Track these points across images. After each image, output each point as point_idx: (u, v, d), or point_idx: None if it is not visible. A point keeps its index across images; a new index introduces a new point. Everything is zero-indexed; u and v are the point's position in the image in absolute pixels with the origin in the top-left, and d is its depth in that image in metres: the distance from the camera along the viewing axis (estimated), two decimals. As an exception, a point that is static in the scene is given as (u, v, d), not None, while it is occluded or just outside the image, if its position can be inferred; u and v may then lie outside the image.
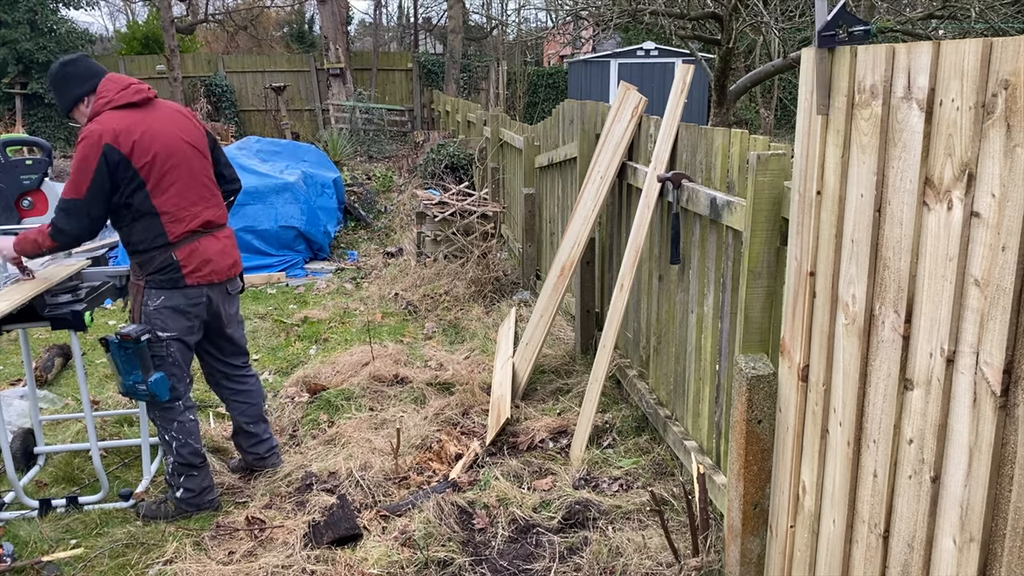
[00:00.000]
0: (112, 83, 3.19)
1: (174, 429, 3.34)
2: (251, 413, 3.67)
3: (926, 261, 1.57)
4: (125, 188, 3.11)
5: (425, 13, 27.61)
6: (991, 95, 1.38)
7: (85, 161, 3.04)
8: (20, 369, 5.14)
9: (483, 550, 3.05)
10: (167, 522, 3.35)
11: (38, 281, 3.33)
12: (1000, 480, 1.42)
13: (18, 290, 3.23)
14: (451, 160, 10.27)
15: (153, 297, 3.22)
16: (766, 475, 2.40)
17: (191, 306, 3.28)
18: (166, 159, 3.16)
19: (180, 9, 22.46)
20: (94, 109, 3.14)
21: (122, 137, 3.06)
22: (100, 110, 3.13)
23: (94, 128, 3.06)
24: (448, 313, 6.07)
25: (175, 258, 3.20)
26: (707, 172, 3.16)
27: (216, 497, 3.47)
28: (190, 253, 3.23)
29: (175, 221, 3.19)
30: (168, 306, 3.23)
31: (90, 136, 3.05)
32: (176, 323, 3.26)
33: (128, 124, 3.10)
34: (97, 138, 3.04)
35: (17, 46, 16.91)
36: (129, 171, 3.08)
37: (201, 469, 3.41)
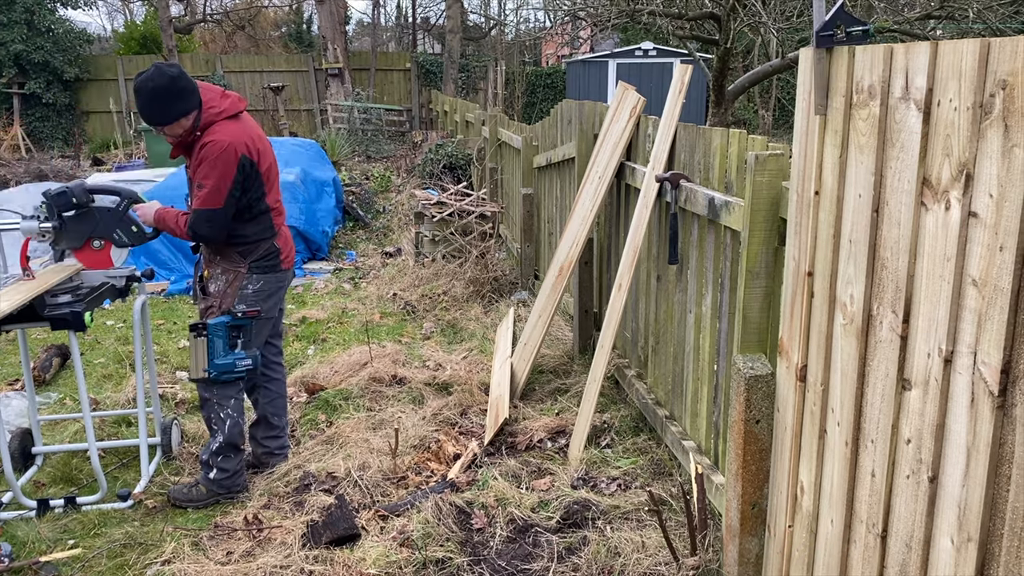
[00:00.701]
0: (211, 93, 3.36)
1: (230, 407, 3.46)
2: (278, 404, 3.79)
3: (924, 261, 1.57)
4: (252, 191, 3.38)
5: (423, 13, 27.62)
6: (989, 95, 1.38)
7: (224, 172, 3.24)
8: (18, 369, 5.14)
9: (481, 550, 3.05)
10: (198, 507, 3.45)
11: (38, 281, 3.33)
12: (998, 480, 1.42)
13: (18, 290, 3.23)
14: (449, 160, 10.27)
15: (254, 281, 3.46)
16: (764, 475, 2.41)
17: (280, 287, 3.59)
18: (271, 161, 3.51)
19: (178, 9, 22.44)
20: (206, 119, 3.30)
21: (251, 147, 3.32)
22: (214, 119, 3.30)
23: (224, 139, 3.24)
24: (446, 313, 6.07)
25: (276, 246, 3.52)
26: (705, 172, 3.16)
27: (246, 481, 3.58)
28: (284, 241, 3.59)
29: (278, 215, 3.56)
30: (264, 288, 3.49)
31: (225, 148, 3.23)
32: (267, 303, 3.50)
33: (247, 133, 3.35)
34: (233, 150, 3.24)
35: (14, 46, 16.88)
36: (257, 177, 3.38)
37: (240, 452, 3.54)
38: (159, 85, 3.19)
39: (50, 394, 4.76)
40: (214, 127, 3.27)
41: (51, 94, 17.69)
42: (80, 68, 17.99)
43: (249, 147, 3.30)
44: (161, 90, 3.20)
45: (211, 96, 3.32)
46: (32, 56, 17.10)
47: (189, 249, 7.54)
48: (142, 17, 24.77)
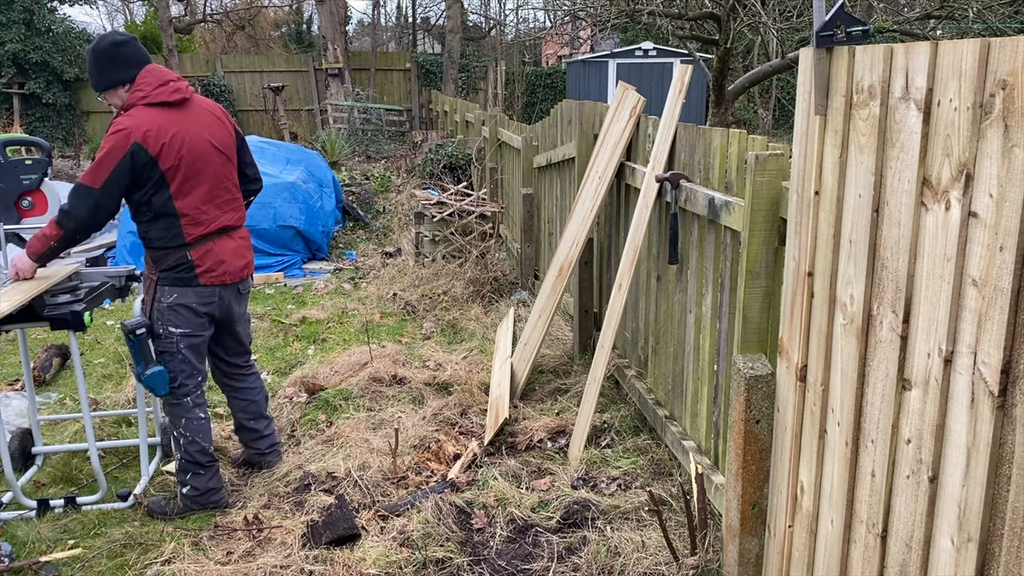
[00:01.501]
0: (151, 76, 3.17)
1: (182, 425, 3.36)
2: (251, 410, 3.69)
3: (924, 261, 1.57)
4: (148, 188, 3.13)
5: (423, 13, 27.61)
6: (989, 95, 1.38)
7: (110, 154, 3.04)
8: (18, 369, 5.14)
9: (481, 550, 3.05)
10: (168, 520, 3.35)
11: (37, 281, 3.33)
12: (998, 480, 1.42)
13: (17, 290, 3.23)
14: (449, 160, 10.27)
15: (166, 294, 3.25)
16: (764, 475, 2.41)
17: (203, 305, 3.30)
18: (192, 163, 3.17)
19: (178, 9, 22.44)
20: (129, 101, 3.14)
21: (152, 138, 3.07)
22: (134, 103, 3.13)
23: (126, 124, 3.07)
24: (446, 313, 6.07)
25: (190, 257, 3.23)
26: (705, 172, 3.16)
27: (223, 498, 3.46)
28: (204, 253, 3.25)
29: (194, 224, 3.22)
30: (180, 303, 3.25)
31: (121, 131, 3.05)
32: (187, 321, 3.28)
33: (160, 124, 3.10)
34: (127, 135, 3.04)
35: (13, 46, 16.88)
36: (155, 172, 3.10)
37: (208, 468, 3.42)
38: (100, 48, 3.11)
39: (50, 394, 4.76)
40: (131, 111, 3.11)
41: (51, 94, 17.68)
42: (80, 68, 17.98)
43: (150, 139, 3.06)
44: (101, 54, 3.11)
45: (148, 80, 3.15)
46: (31, 56, 17.10)
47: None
48: (142, 17, 24.78)
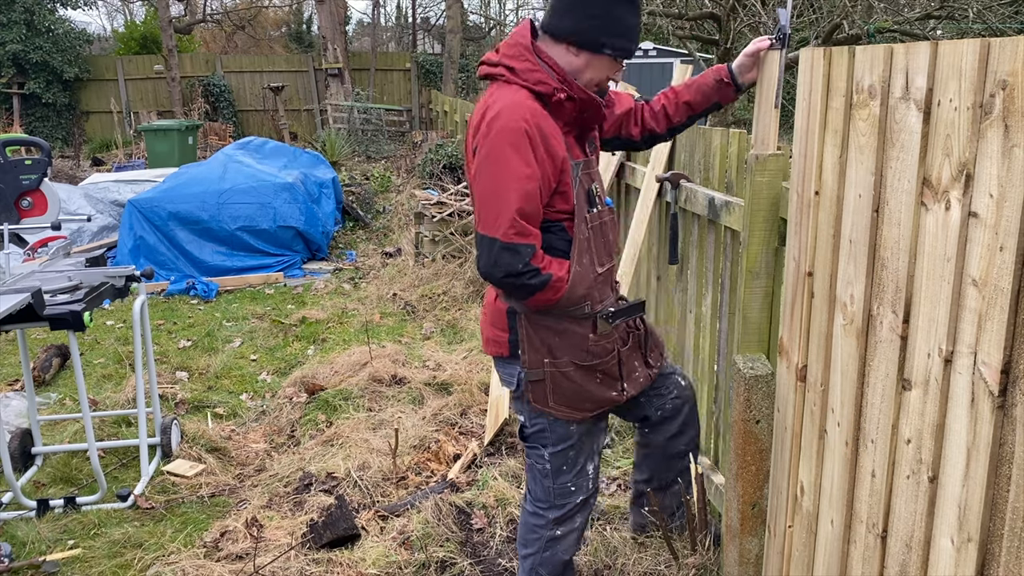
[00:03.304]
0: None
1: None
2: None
3: (924, 261, 1.57)
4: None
5: (423, 13, 27.61)
6: (989, 95, 1.38)
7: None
8: (18, 369, 5.14)
9: (481, 550, 3.05)
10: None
11: (37, 280, 3.33)
12: (998, 480, 1.42)
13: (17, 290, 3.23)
14: (449, 160, 10.26)
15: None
16: (764, 475, 2.41)
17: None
18: None
19: (178, 9, 22.44)
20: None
21: None
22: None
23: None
24: (446, 313, 6.07)
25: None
26: (705, 172, 3.16)
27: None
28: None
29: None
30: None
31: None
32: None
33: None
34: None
35: (13, 46, 16.88)
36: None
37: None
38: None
39: (50, 394, 4.76)
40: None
41: (51, 94, 17.68)
42: (80, 68, 17.99)
43: None
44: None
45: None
46: (31, 56, 17.09)
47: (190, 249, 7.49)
48: (142, 17, 24.77)
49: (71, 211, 7.80)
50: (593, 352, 2.31)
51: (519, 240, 2.10)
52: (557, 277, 2.18)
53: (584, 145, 2.35)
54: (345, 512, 3.17)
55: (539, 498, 2.45)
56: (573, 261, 2.23)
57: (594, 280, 2.29)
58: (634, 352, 2.46)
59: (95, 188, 8.85)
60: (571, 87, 2.19)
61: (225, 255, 7.56)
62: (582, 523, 2.50)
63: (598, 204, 2.32)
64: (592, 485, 2.46)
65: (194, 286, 7.07)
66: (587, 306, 2.29)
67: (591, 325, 2.31)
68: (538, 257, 2.15)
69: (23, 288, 3.17)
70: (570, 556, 2.52)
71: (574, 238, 2.24)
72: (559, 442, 2.36)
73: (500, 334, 2.35)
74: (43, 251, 6.73)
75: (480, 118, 2.18)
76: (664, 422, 2.64)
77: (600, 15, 2.18)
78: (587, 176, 2.30)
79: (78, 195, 8.32)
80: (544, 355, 2.28)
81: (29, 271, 3.67)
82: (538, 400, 2.31)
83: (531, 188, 2.11)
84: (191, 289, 7.07)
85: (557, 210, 2.22)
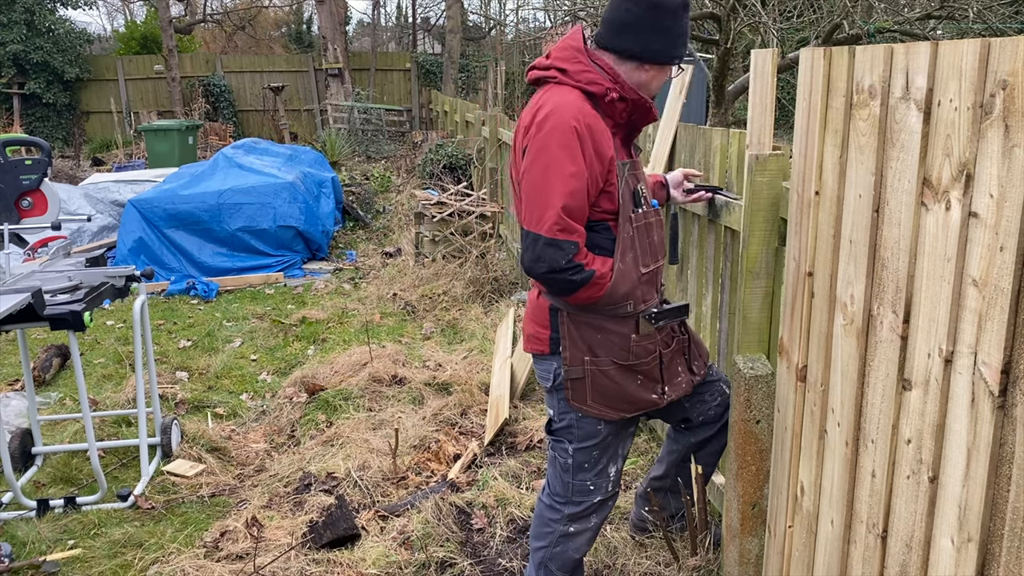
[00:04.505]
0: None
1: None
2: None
3: (924, 261, 1.57)
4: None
5: (423, 13, 27.60)
6: (989, 95, 1.38)
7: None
8: (18, 369, 5.14)
9: (481, 550, 3.05)
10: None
11: (37, 280, 3.33)
12: (998, 480, 1.42)
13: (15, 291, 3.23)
14: (449, 160, 10.26)
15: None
16: (764, 475, 2.41)
17: None
18: None
19: (178, 9, 22.44)
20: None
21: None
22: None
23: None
24: (446, 313, 6.07)
25: None
26: (706, 172, 3.16)
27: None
28: None
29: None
30: None
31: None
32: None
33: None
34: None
35: (14, 46, 16.88)
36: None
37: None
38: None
39: (50, 394, 4.76)
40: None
41: (51, 94, 17.68)
42: (80, 68, 17.99)
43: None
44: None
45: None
46: (32, 56, 17.10)
47: (190, 249, 7.50)
48: (142, 17, 24.78)
49: (71, 211, 7.80)
50: (635, 352, 2.32)
51: (563, 236, 2.12)
52: (600, 274, 2.19)
53: (630, 146, 2.38)
54: (345, 512, 3.17)
55: (557, 492, 2.46)
56: (616, 259, 2.24)
57: (638, 280, 2.30)
58: (677, 356, 2.47)
59: (95, 188, 8.85)
60: (623, 87, 2.22)
61: (225, 255, 7.56)
62: (597, 524, 2.50)
63: (643, 204, 2.34)
64: (612, 488, 2.46)
65: (194, 286, 7.07)
66: (629, 305, 2.29)
67: (633, 325, 2.31)
68: (581, 254, 2.16)
69: (23, 288, 3.17)
70: (581, 555, 2.52)
71: (618, 237, 2.26)
72: (585, 439, 2.37)
73: (541, 331, 2.36)
74: (43, 251, 6.73)
75: (531, 118, 2.20)
76: (703, 426, 2.65)
77: (669, 31, 2.24)
78: (633, 176, 2.32)
79: (78, 195, 8.32)
80: (585, 353, 2.29)
81: (29, 271, 3.67)
82: (577, 399, 2.32)
83: (578, 186, 2.13)
84: (191, 289, 7.07)
85: (602, 209, 2.24)
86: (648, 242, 2.34)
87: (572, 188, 2.12)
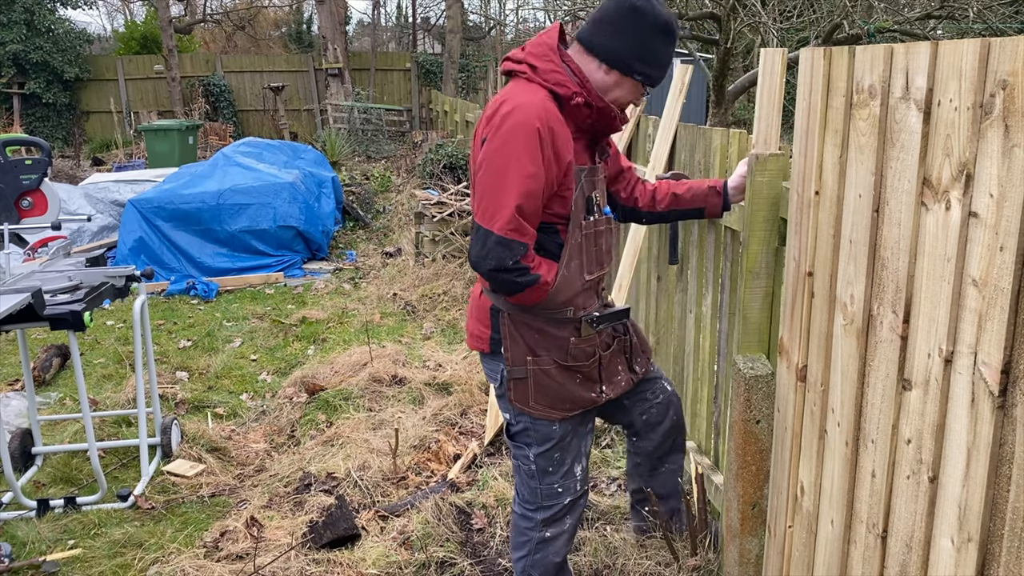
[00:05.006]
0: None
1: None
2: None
3: (924, 261, 1.57)
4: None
5: (423, 13, 27.60)
6: (989, 95, 1.38)
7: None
8: (18, 369, 5.14)
9: (481, 550, 3.05)
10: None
11: (37, 280, 3.33)
12: (998, 480, 1.42)
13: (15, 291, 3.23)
14: (449, 160, 10.26)
15: None
16: (764, 475, 2.40)
17: None
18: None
19: (178, 9, 22.44)
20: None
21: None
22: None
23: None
24: (447, 313, 6.07)
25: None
26: (706, 172, 3.16)
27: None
28: None
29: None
30: None
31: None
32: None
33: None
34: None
35: (13, 46, 16.88)
36: None
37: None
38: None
39: (50, 394, 4.76)
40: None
41: (51, 94, 17.68)
42: (80, 68, 17.99)
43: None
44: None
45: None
46: (32, 56, 17.10)
47: (190, 249, 7.51)
48: (142, 17, 24.77)
49: (71, 211, 7.80)
50: (573, 355, 2.33)
51: (514, 236, 2.12)
52: (544, 280, 2.19)
53: (594, 153, 2.36)
54: (345, 512, 3.17)
55: (527, 499, 2.46)
56: (561, 266, 2.24)
57: (580, 287, 2.30)
58: (617, 356, 2.47)
59: (95, 188, 8.85)
60: (589, 93, 2.22)
61: (225, 255, 7.56)
62: (572, 525, 2.50)
63: (596, 212, 2.33)
64: (580, 487, 2.46)
65: (194, 286, 7.07)
66: (569, 311, 2.30)
67: (573, 328, 2.32)
68: (529, 256, 2.16)
69: (23, 288, 3.17)
70: (562, 558, 2.52)
71: (566, 243, 2.25)
72: (543, 442, 2.37)
73: (483, 330, 2.37)
74: (43, 251, 6.73)
75: (494, 110, 2.19)
76: (649, 429, 2.65)
77: (639, 42, 2.22)
78: (590, 183, 2.30)
79: (78, 195, 8.32)
80: (526, 353, 2.30)
81: (29, 271, 3.68)
82: (519, 399, 2.32)
83: (534, 187, 2.12)
84: (191, 289, 7.07)
85: (554, 213, 2.23)
86: (595, 250, 2.34)
87: (528, 189, 2.12)
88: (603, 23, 2.24)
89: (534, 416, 2.34)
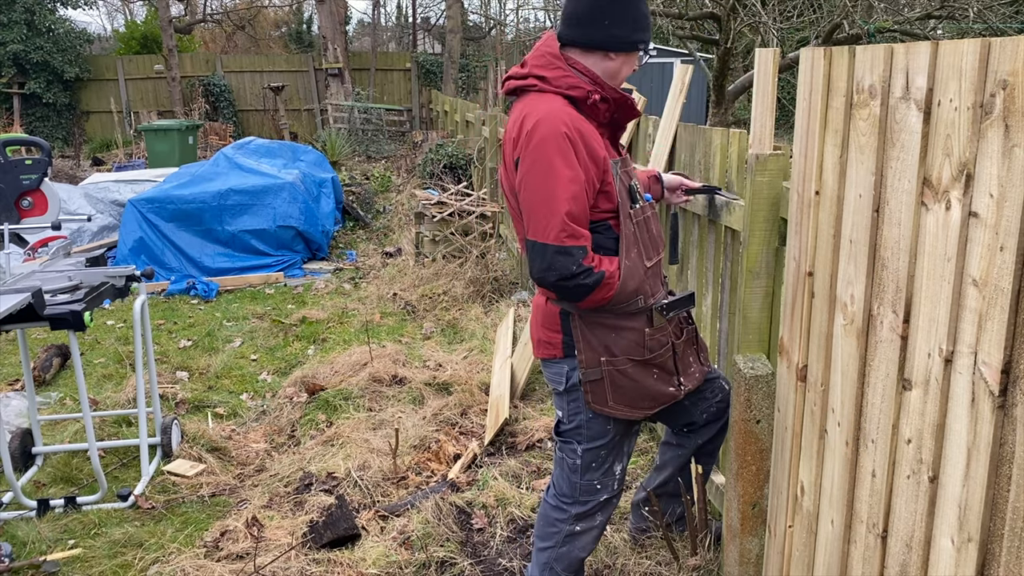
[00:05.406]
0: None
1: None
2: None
3: (924, 261, 1.57)
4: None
5: (424, 13, 27.60)
6: (989, 95, 1.38)
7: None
8: (18, 369, 5.14)
9: (481, 550, 3.05)
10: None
11: (37, 280, 3.33)
12: (998, 480, 1.42)
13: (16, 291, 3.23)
14: (449, 160, 10.26)
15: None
16: (764, 475, 2.41)
17: None
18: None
19: (178, 9, 22.44)
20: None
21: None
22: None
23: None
24: (447, 313, 6.07)
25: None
26: (706, 172, 3.16)
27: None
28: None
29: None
30: None
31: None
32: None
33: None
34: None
35: (14, 46, 16.88)
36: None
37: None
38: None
39: (50, 394, 4.76)
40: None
41: (51, 94, 17.68)
42: (80, 68, 17.99)
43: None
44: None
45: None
46: (32, 56, 17.10)
47: (189, 249, 7.51)
48: (142, 17, 24.77)
49: (71, 211, 7.80)
50: (649, 346, 2.33)
51: (571, 242, 2.13)
52: (609, 274, 2.19)
53: (616, 144, 2.38)
54: (345, 512, 3.17)
55: (563, 492, 2.46)
56: (622, 256, 2.25)
57: (644, 274, 2.31)
58: (688, 347, 2.49)
59: (95, 188, 8.85)
60: (603, 88, 2.24)
61: (225, 255, 7.56)
62: (602, 522, 2.51)
63: (639, 200, 2.35)
64: (617, 487, 2.48)
65: (194, 286, 7.07)
66: (640, 300, 2.30)
67: (646, 319, 2.32)
68: (589, 257, 2.18)
69: (23, 288, 3.17)
70: (586, 554, 2.53)
71: (620, 234, 2.26)
72: (594, 439, 2.37)
73: (553, 335, 2.36)
74: (43, 251, 6.73)
75: (519, 130, 2.20)
76: (707, 426, 2.66)
77: (629, 17, 2.24)
78: (626, 173, 2.33)
79: (78, 195, 8.32)
80: (601, 353, 2.29)
81: (29, 271, 3.68)
82: (597, 400, 2.32)
83: (577, 191, 2.14)
84: (191, 289, 7.07)
85: (602, 209, 2.25)
86: (648, 236, 2.36)
87: (573, 193, 2.13)
88: (586, 17, 2.25)
89: (607, 415, 2.34)
